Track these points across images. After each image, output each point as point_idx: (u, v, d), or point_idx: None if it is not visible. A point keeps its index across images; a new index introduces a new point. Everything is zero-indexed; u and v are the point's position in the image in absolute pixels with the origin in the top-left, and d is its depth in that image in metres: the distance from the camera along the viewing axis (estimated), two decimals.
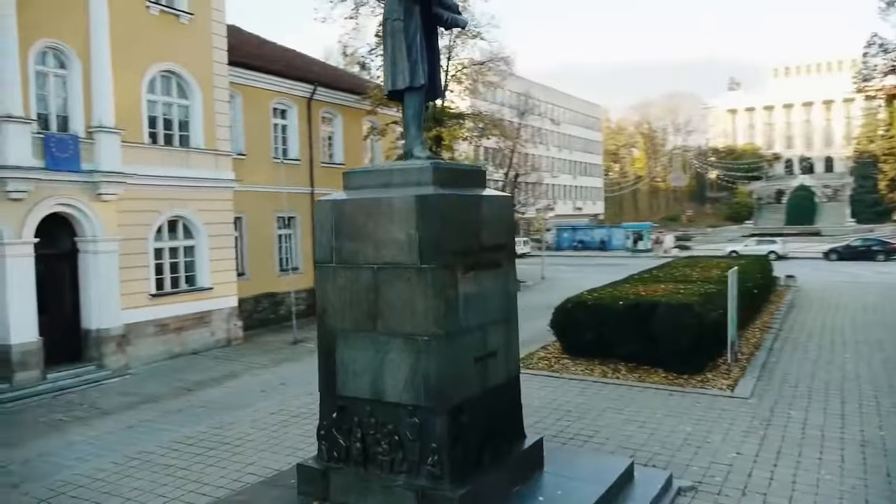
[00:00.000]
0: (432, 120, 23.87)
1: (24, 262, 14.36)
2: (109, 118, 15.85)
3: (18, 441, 11.70)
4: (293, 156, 24.15)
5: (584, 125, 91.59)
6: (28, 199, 14.29)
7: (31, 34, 14.45)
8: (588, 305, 15.76)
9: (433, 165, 6.83)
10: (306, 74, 24.57)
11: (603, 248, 56.71)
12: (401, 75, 7.14)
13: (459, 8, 8.19)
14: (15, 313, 14.25)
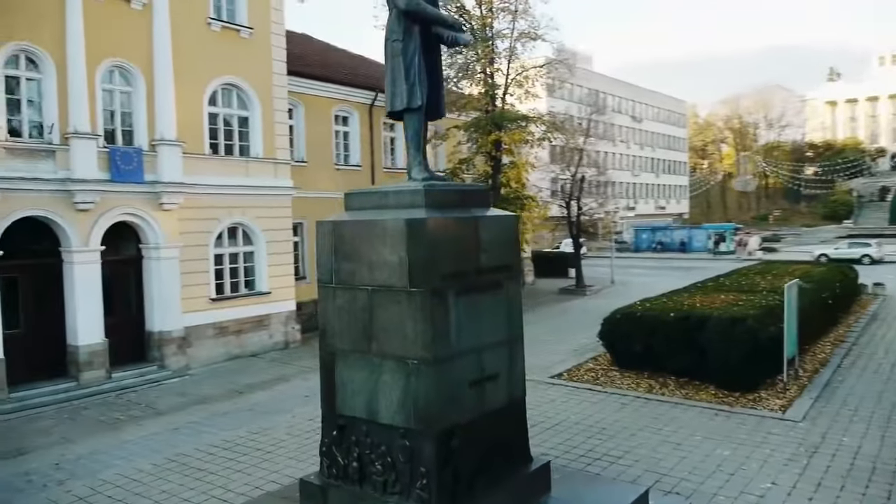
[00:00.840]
0: (492, 124, 23.75)
1: (90, 269, 15.32)
2: (171, 131, 16.65)
3: (78, 438, 12.51)
4: (354, 161, 24.61)
5: (669, 122, 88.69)
6: (94, 209, 15.23)
7: (98, 54, 15.37)
8: (637, 316, 15.30)
9: (425, 188, 6.79)
10: (368, 81, 24.93)
11: (683, 249, 54.73)
12: (399, 97, 7.14)
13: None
14: (82, 316, 15.23)
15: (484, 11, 23.68)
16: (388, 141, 26.49)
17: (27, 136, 14.55)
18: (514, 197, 23.97)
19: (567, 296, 29.97)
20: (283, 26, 19.83)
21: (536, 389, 14.09)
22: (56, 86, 14.73)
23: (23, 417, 13.68)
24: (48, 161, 14.58)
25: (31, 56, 14.53)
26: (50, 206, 14.62)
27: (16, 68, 14.40)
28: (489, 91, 23.87)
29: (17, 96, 14.42)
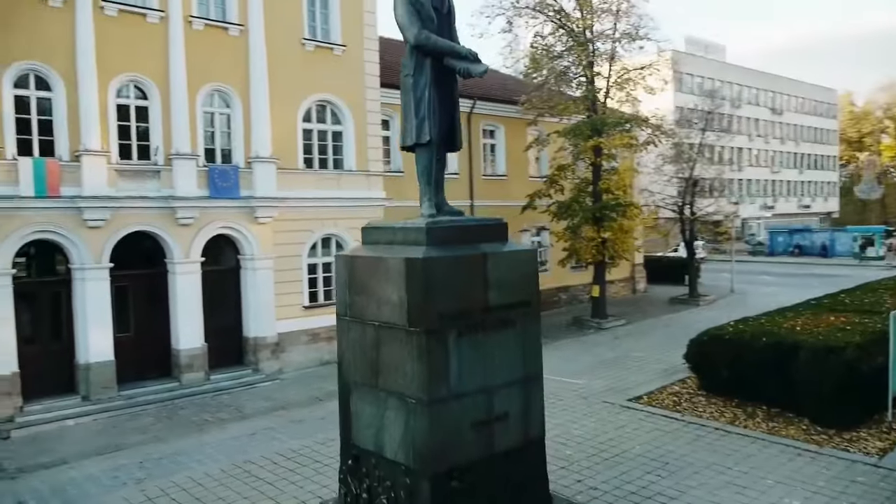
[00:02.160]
0: (591, 129, 23.02)
1: (191, 279, 16.56)
2: (266, 149, 17.61)
3: (168, 437, 13.61)
4: (452, 170, 24.75)
5: (815, 113, 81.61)
6: (195, 224, 16.44)
7: (199, 80, 16.57)
8: (725, 339, 14.30)
9: (427, 226, 6.75)
10: (464, 89, 24.98)
11: (824, 254, 50.15)
12: (409, 133, 7.17)
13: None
14: (184, 322, 16.51)
15: (584, 14, 22.99)
16: (489, 148, 26.44)
17: (135, 158, 15.94)
18: (615, 204, 23.12)
19: (677, 306, 28.49)
20: (375, 41, 20.35)
21: (608, 414, 13.58)
22: (161, 111, 16.05)
23: (128, 414, 15.07)
24: (153, 180, 15.92)
25: (139, 85, 15.93)
26: (155, 222, 15.96)
27: (126, 97, 15.82)
28: (588, 95, 23.16)
29: (126, 122, 15.82)
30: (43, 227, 14.47)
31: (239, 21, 17.30)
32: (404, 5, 7.09)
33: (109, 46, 15.15)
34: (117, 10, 15.37)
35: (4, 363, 14.10)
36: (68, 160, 14.73)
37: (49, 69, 14.56)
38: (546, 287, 27.59)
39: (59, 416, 14.51)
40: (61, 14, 14.61)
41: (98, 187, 14.89)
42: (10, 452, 12.93)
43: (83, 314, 15.12)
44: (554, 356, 19.52)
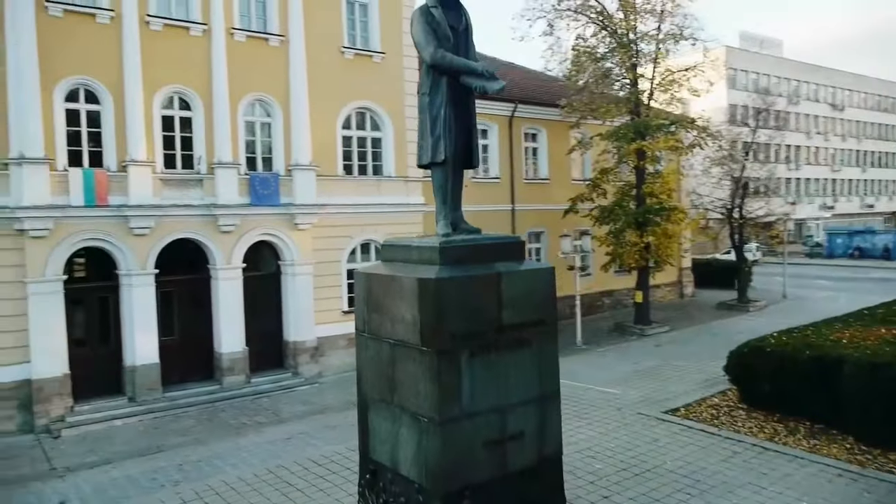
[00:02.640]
0: (634, 132, 22.64)
1: (233, 284, 17.00)
2: (306, 156, 17.93)
3: (207, 439, 14.01)
4: (493, 174, 24.76)
5: (879, 108, 78.12)
6: (236, 230, 16.87)
7: (241, 90, 17.00)
8: (766, 352, 13.88)
9: (441, 245, 6.77)
10: (507, 93, 24.92)
11: (887, 256, 48.04)
12: (425, 151, 7.21)
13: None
14: (226, 326, 16.96)
15: (627, 15, 22.59)
16: (531, 151, 26.27)
17: (179, 167, 16.44)
18: (659, 208, 22.66)
19: (725, 312, 27.76)
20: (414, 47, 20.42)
21: (642, 427, 13.34)
22: (204, 121, 16.53)
23: (171, 415, 15.57)
24: (197, 189, 16.41)
25: (183, 96, 16.42)
26: (198, 229, 16.44)
27: (171, 109, 16.32)
28: (631, 97, 22.76)
29: (171, 133, 16.33)
30: (92, 234, 15.08)
31: (279, 32, 17.65)
32: (420, 24, 7.13)
33: (154, 60, 15.67)
34: (162, 25, 15.89)
35: (56, 365, 14.75)
36: (116, 170, 15.31)
37: (98, 83, 15.16)
38: (589, 291, 27.33)
39: (107, 416, 15.10)
40: (109, 30, 15.20)
41: (144, 196, 15.43)
42: (60, 451, 13.52)
43: (130, 318, 15.70)
44: (592, 364, 19.35)
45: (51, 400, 14.63)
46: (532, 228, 25.79)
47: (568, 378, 17.47)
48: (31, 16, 14.17)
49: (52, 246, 14.56)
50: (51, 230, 14.44)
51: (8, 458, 13.21)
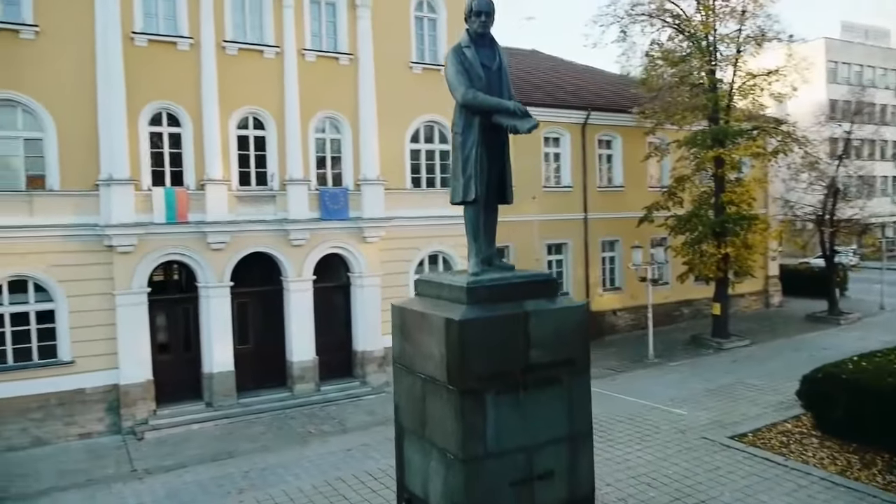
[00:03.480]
0: (712, 139, 21.84)
1: (303, 296, 17.68)
2: (374, 171, 18.39)
3: (274, 447, 14.68)
4: (565, 183, 24.50)
5: None
6: (306, 244, 17.53)
7: (312, 109, 17.64)
8: (842, 378, 13.14)
9: (468, 286, 6.85)
10: (580, 100, 24.62)
11: None
12: (457, 190, 7.30)
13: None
14: (297, 336, 17.66)
15: (705, 17, 21.77)
16: (605, 159, 25.80)
17: (254, 184, 17.24)
18: (739, 218, 21.74)
19: (813, 324, 26.31)
20: None
21: (705, 452, 12.94)
22: (276, 139, 17.26)
23: (244, 421, 16.36)
24: (270, 204, 17.16)
25: (257, 116, 17.19)
26: (271, 243, 17.19)
27: (246, 129, 17.14)
28: (709, 103, 21.90)
29: (246, 151, 17.15)
30: (173, 249, 16.08)
31: (349, 51, 18.17)
32: (453, 65, 7.23)
33: (230, 83, 16.50)
34: (237, 49, 16.69)
35: (141, 371, 15.84)
36: (195, 188, 16.24)
37: (179, 107, 16.12)
38: (666, 301, 26.60)
39: (186, 420, 16.07)
40: (189, 56, 16.12)
41: (220, 213, 16.29)
42: (142, 454, 14.52)
43: (208, 328, 16.63)
44: (661, 380, 18.86)
45: (136, 404, 15.73)
46: (605, 237, 25.34)
47: (634, 395, 17.21)
48: (119, 47, 15.24)
49: (138, 260, 15.63)
50: (136, 246, 15.51)
51: (98, 458, 14.32)
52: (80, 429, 15.41)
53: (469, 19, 7.45)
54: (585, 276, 24.77)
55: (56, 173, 15.05)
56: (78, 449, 14.90)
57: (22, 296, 15.05)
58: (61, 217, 15.02)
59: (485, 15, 7.41)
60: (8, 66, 14.45)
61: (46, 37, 14.75)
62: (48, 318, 15.21)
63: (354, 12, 18.22)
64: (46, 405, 15.08)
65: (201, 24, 16.17)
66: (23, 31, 14.59)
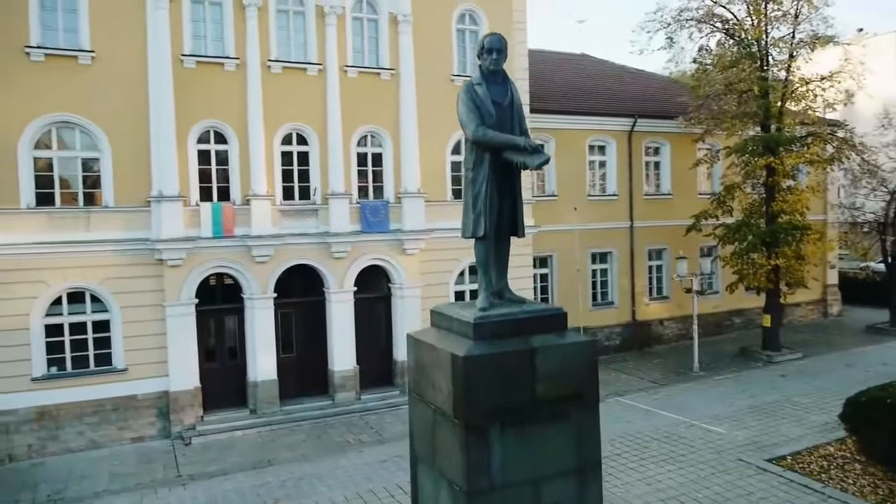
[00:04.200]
0: (763, 147, 21.25)
1: (345, 306, 18.11)
2: (415, 184, 18.67)
3: (312, 456, 15.12)
4: (611, 191, 24.24)
5: None
6: (347, 256, 17.95)
7: (353, 124, 18.04)
8: (886, 403, 12.67)
9: (475, 322, 6.99)
10: (626, 108, 24.30)
11: None
12: (467, 226, 7.45)
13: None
14: (338, 345, 18.12)
15: (756, 21, 21.14)
16: (652, 166, 25.40)
17: (297, 198, 17.75)
18: (790, 228, 21.07)
19: (872, 337, 25.26)
20: (525, 70, 20.58)
21: (739, 476, 12.70)
22: (319, 154, 17.72)
23: (286, 429, 16.90)
24: (312, 218, 17.65)
25: (301, 132, 17.69)
26: (313, 255, 17.68)
27: (289, 144, 17.66)
28: (760, 109, 21.29)
29: (289, 166, 17.67)
30: (219, 262, 16.73)
31: (390, 66, 18.48)
32: (464, 103, 7.37)
33: (275, 100, 17.04)
34: (281, 68, 17.21)
35: (189, 379, 16.55)
36: (240, 204, 16.85)
37: (225, 125, 16.75)
38: (716, 311, 26.05)
39: (231, 426, 16.71)
40: (234, 76, 16.73)
41: (264, 227, 16.85)
42: (189, 459, 15.19)
43: (252, 337, 17.24)
44: (704, 395, 18.50)
45: (184, 410, 16.44)
46: (652, 245, 24.96)
47: (673, 410, 16.97)
48: (169, 69, 15.95)
49: (186, 273, 16.33)
50: (184, 259, 16.20)
51: (147, 462, 15.06)
52: (132, 433, 16.22)
53: (481, 56, 7.58)
54: (631, 285, 24.48)
55: (111, 190, 15.88)
56: (130, 452, 15.70)
57: (80, 306, 15.93)
58: (115, 232, 15.84)
59: (496, 52, 7.53)
60: (67, 90, 15.33)
61: (102, 62, 15.57)
62: (104, 327, 16.06)
63: (396, 28, 18.52)
64: (102, 410, 15.94)
65: (247, 45, 16.75)
66: (80, 56, 15.44)
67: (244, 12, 16.72)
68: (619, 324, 24.40)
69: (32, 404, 15.34)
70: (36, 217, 15.26)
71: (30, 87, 15.03)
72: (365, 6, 18.40)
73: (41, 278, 15.28)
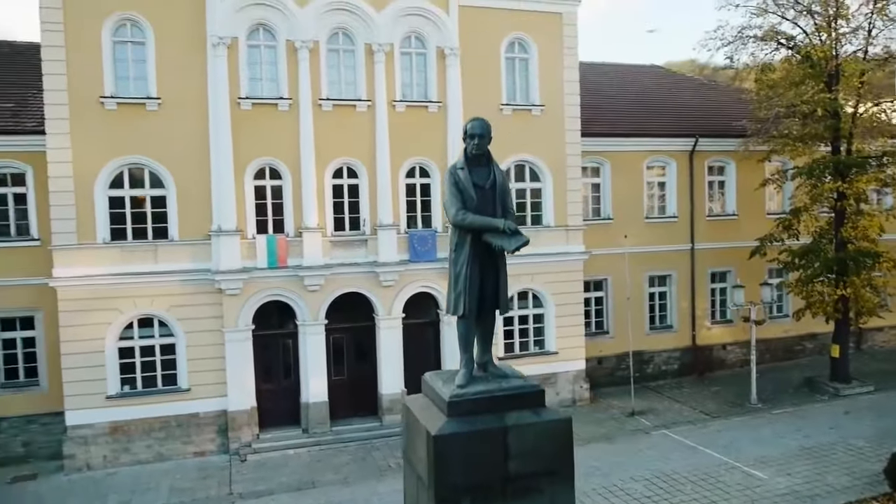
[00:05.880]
0: (832, 171, 20.29)
1: (393, 332, 18.82)
2: None
3: (353, 479, 15.89)
4: (670, 213, 23.75)
5: None
6: (395, 285, 18.61)
7: (401, 157, 18.67)
8: None
9: (450, 400, 7.37)
10: (687, 126, 23.69)
11: None
12: (450, 304, 7.81)
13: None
14: (386, 369, 18.84)
15: (826, 38, 20.12)
16: (716, 185, 24.65)
17: (347, 229, 18.56)
18: (861, 255, 20.00)
19: None
20: (576, 97, 20.51)
21: None
22: (368, 187, 18.46)
23: (334, 449, 17.76)
24: (361, 248, 18.42)
25: (351, 166, 18.46)
26: (362, 284, 18.45)
27: (340, 178, 18.48)
28: (828, 130, 20.27)
29: (340, 199, 18.49)
30: (274, 291, 17.78)
31: (438, 99, 18.96)
32: (448, 187, 7.74)
33: (325, 136, 17.90)
34: (332, 105, 18.04)
35: (246, 399, 17.72)
36: (293, 235, 17.82)
37: (279, 162, 17.76)
38: (786, 335, 25.05)
39: (284, 445, 17.75)
40: (288, 115, 17.69)
41: (315, 258, 17.76)
42: (242, 476, 16.31)
43: (305, 361, 18.23)
44: (754, 432, 17.93)
45: (241, 428, 17.62)
46: (715, 268, 24.27)
47: (717, 449, 16.62)
48: (227, 112, 17.09)
49: (243, 301, 17.47)
50: (241, 288, 17.34)
51: (205, 478, 16.30)
52: (195, 447, 17.55)
53: (465, 140, 7.92)
54: (691, 308, 23.93)
55: (176, 225, 17.22)
56: (191, 466, 17.00)
57: (149, 330, 17.37)
58: (180, 263, 17.18)
59: (478, 138, 7.85)
60: (137, 134, 16.74)
61: (167, 107, 16.90)
62: (170, 350, 17.45)
63: (444, 61, 18.97)
64: (167, 426, 17.35)
65: (299, 85, 17.67)
66: (148, 103, 16.82)
67: (296, 54, 17.63)
68: (678, 348, 23.91)
69: (107, 419, 16.91)
70: (110, 250, 16.78)
71: (105, 133, 16.53)
72: (413, 41, 18.94)
73: (115, 306, 16.81)
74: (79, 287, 16.46)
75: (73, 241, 16.48)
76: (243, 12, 17.23)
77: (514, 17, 19.83)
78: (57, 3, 16.08)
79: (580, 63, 21.28)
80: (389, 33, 18.38)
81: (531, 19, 19.99)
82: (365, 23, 18.15)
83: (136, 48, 16.94)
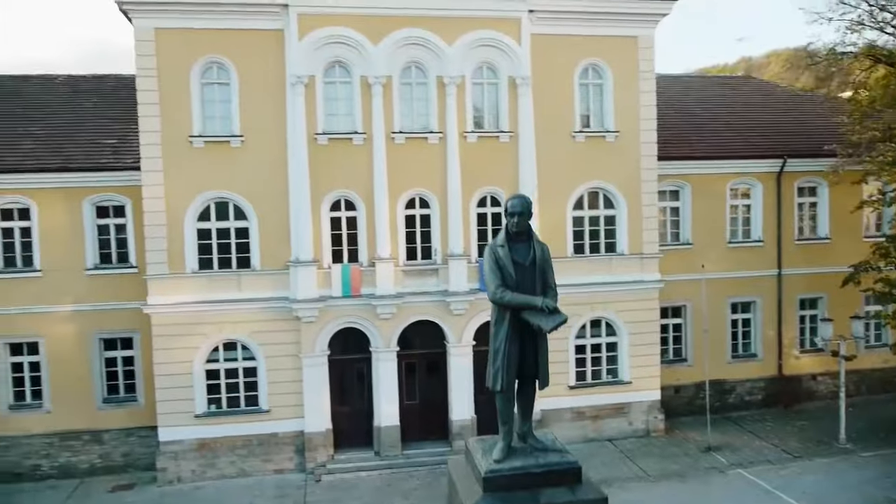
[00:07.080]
0: None
1: (464, 360, 19.18)
2: None
3: None
4: (755, 237, 22.75)
5: None
6: (465, 313, 18.91)
7: (471, 187, 18.94)
8: None
9: (486, 476, 7.58)
10: (775, 147, 22.58)
11: None
12: (489, 379, 8.02)
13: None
14: (457, 395, 19.21)
15: None
16: (807, 207, 23.39)
17: (419, 258, 18.99)
18: None
19: None
20: (653, 121, 20.05)
21: None
22: (440, 217, 18.81)
23: (405, 473, 18.26)
24: (432, 277, 18.83)
25: (423, 197, 18.87)
26: (433, 312, 18.86)
27: (413, 209, 18.92)
28: None
29: (412, 229, 18.94)
30: (348, 319, 18.48)
31: (509, 128, 19.06)
32: (488, 264, 7.88)
33: (398, 168, 18.40)
34: (405, 138, 18.51)
35: (322, 421, 18.53)
36: (367, 265, 18.44)
37: (354, 193, 18.41)
38: (885, 366, 23.56)
39: (357, 466, 18.43)
40: (362, 149, 18.30)
41: (387, 287, 18.32)
42: (315, 497, 17.10)
43: (378, 386, 18.84)
44: (839, 477, 17.00)
45: (317, 449, 18.44)
46: (804, 294, 23.07)
47: (795, 496, 16.12)
48: (305, 147, 17.89)
49: (320, 328, 18.26)
50: (318, 316, 18.14)
51: (280, 497, 17.21)
52: (274, 465, 18.53)
53: (506, 217, 8.00)
54: (778, 336, 22.88)
55: (257, 255, 18.22)
56: (270, 483, 17.97)
57: (233, 353, 18.48)
58: (261, 292, 18.17)
59: (518, 216, 7.90)
60: (222, 170, 17.83)
61: (249, 144, 17.90)
62: (252, 373, 18.49)
63: (515, 91, 19.05)
64: (249, 444, 18.41)
65: (373, 119, 18.23)
66: (232, 141, 17.86)
67: (370, 90, 18.19)
68: (762, 378, 22.94)
69: (195, 437, 18.14)
70: (198, 279, 17.96)
71: (193, 169, 17.70)
72: (485, 72, 19.12)
73: (202, 331, 17.98)
74: (170, 314, 17.71)
75: (165, 270, 17.75)
76: (320, 51, 17.95)
77: (588, 42, 19.60)
78: (150, 50, 17.35)
79: (660, 76, 20.75)
80: (461, 65, 18.64)
81: (606, 44, 19.70)
82: (437, 56, 18.49)
83: (221, 89, 18.02)
